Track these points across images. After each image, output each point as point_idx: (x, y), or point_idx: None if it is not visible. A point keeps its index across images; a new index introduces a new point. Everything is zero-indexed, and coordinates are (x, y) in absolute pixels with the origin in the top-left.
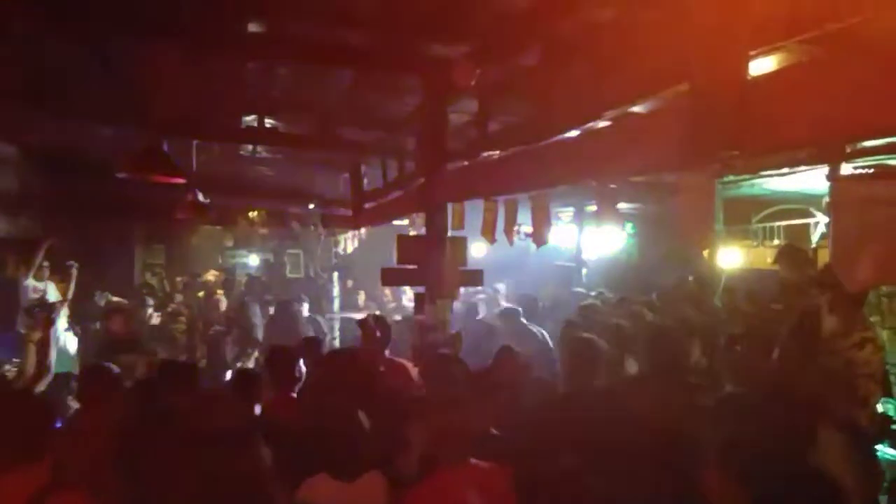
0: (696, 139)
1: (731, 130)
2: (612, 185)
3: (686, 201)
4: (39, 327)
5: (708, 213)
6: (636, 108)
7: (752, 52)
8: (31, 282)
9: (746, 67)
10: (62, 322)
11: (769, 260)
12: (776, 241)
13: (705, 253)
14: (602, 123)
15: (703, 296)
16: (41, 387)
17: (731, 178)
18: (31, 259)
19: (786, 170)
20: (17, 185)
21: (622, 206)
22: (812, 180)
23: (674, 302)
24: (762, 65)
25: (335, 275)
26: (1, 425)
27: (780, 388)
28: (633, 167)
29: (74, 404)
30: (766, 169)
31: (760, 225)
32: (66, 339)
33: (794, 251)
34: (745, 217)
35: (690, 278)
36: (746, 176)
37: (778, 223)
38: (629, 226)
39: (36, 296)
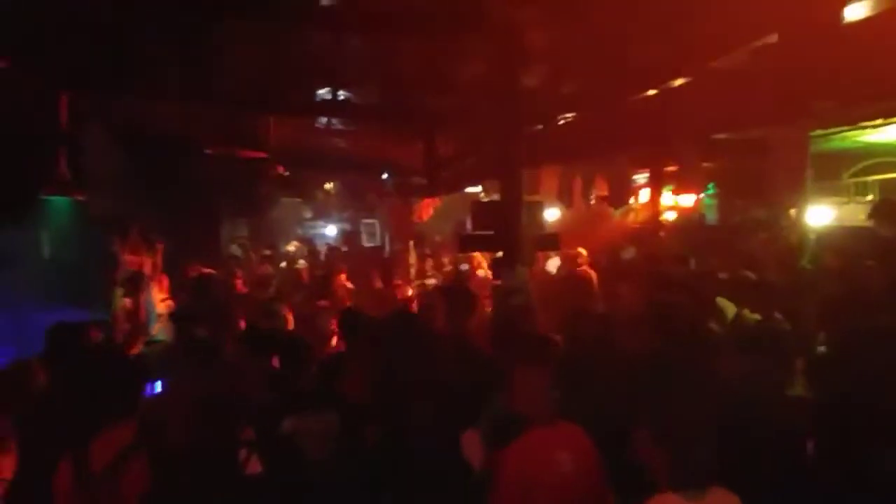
0: (787, 90)
1: (825, 79)
2: (694, 144)
3: (776, 158)
4: (129, 296)
5: (800, 169)
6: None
7: None
8: (126, 257)
9: (840, 13)
10: (156, 292)
11: (861, 216)
12: (869, 197)
13: (792, 212)
14: (680, 81)
15: (788, 257)
16: (136, 350)
17: (821, 131)
18: (125, 235)
19: (880, 120)
20: (113, 166)
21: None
22: None
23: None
24: (856, 10)
25: (411, 243)
26: (93, 386)
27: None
28: (719, 123)
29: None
30: (859, 121)
31: (852, 180)
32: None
33: (893, 205)
34: (835, 172)
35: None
36: (837, 128)
37: (871, 177)
38: (710, 186)
39: (132, 269)
